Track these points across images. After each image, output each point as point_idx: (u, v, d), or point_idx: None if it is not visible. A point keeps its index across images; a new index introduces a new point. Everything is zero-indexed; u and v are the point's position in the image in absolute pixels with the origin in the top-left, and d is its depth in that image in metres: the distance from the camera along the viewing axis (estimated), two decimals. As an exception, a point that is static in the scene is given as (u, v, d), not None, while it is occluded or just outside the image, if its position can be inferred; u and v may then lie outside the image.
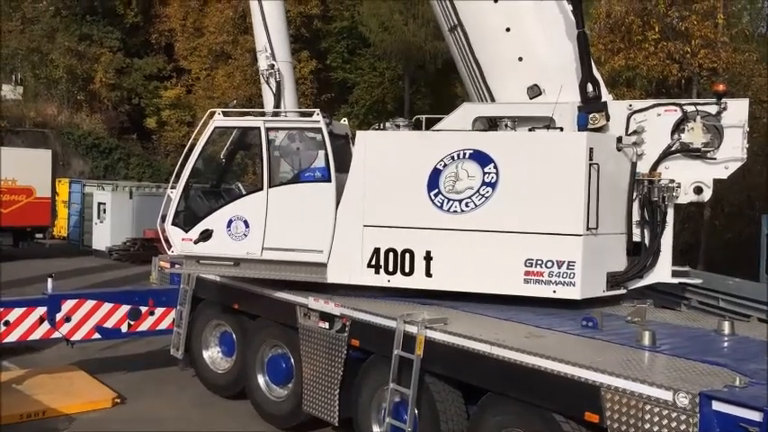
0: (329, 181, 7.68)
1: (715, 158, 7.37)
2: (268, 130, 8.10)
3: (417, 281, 7.37)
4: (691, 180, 7.48)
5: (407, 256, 7.37)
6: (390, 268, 7.45)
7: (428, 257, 7.29)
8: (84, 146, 33.78)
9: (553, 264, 6.93)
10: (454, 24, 8.31)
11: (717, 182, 7.52)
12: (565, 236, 6.91)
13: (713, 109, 7.39)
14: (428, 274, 7.31)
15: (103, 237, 23.86)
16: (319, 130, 7.87)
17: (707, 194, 7.56)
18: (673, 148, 7.41)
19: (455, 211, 7.17)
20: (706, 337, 6.43)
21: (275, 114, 9.01)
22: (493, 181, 7.04)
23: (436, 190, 7.21)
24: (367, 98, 32.91)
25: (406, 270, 7.39)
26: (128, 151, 35.42)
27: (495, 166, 7.06)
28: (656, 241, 7.51)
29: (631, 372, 4.90)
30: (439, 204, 7.21)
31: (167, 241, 8.25)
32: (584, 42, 7.59)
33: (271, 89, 9.46)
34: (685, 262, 8.96)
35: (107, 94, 36.21)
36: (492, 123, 8.10)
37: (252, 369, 8.71)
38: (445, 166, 7.21)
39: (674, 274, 7.69)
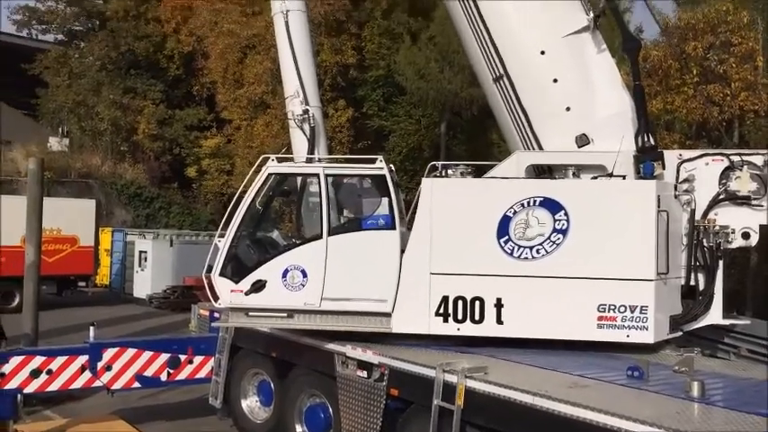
0: (393, 228, 7.62)
1: (762, 205, 7.59)
2: (328, 176, 7.99)
3: (488, 328, 7.33)
4: (739, 226, 7.69)
5: (477, 303, 7.33)
6: (460, 316, 7.38)
7: (499, 305, 7.27)
8: (127, 195, 34.53)
9: (626, 308, 7.02)
10: (500, 74, 8.39)
11: (763, 228, 7.72)
12: (637, 281, 7.02)
13: (759, 159, 7.67)
14: (499, 322, 7.28)
15: (144, 285, 24.19)
16: (383, 177, 7.81)
17: (754, 240, 7.76)
18: (721, 196, 7.63)
19: (526, 258, 7.20)
20: (757, 388, 6.21)
21: (334, 160, 8.98)
22: (564, 228, 7.14)
23: (506, 237, 7.24)
24: (403, 145, 33.16)
25: (476, 318, 7.34)
26: (168, 200, 36.10)
27: (566, 213, 7.17)
28: (712, 285, 7.68)
29: (684, 425, 4.73)
30: (509, 251, 7.23)
31: (214, 292, 7.97)
32: (640, 94, 7.89)
33: (305, 134, 9.53)
34: (732, 308, 8.92)
35: (150, 144, 37.11)
36: (539, 171, 8.21)
37: (290, 419, 8.63)
38: (515, 213, 7.27)
39: (725, 316, 7.88)
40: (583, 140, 8.04)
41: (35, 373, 8.74)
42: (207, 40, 35.33)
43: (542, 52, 8.15)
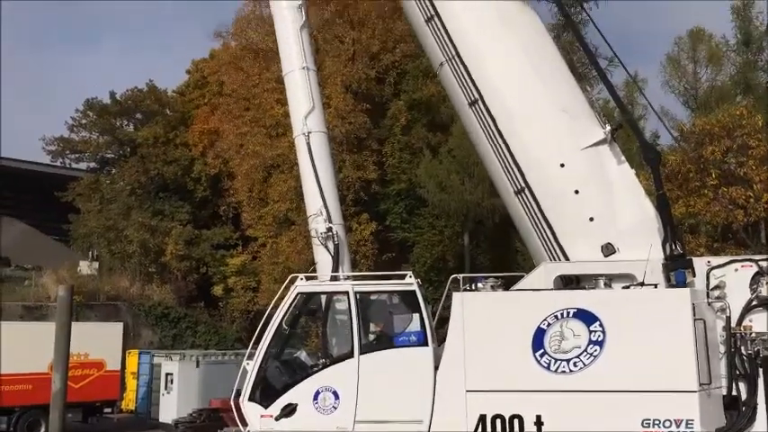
0: (426, 345, 7.52)
1: (796, 310, 7.36)
2: (357, 293, 7.95)
3: None
4: (774, 331, 7.45)
5: (516, 421, 7.12)
6: (499, 437, 7.08)
7: (539, 422, 7.08)
8: (154, 316, 34.67)
9: (671, 423, 6.86)
10: (521, 187, 8.54)
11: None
12: (680, 393, 6.86)
13: (788, 263, 7.59)
14: None
15: (170, 408, 23.77)
16: (413, 293, 7.77)
17: (792, 345, 7.49)
18: (754, 302, 7.49)
19: (564, 372, 7.07)
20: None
21: (362, 277, 9.00)
22: (600, 339, 7.05)
23: (542, 350, 7.15)
24: (427, 256, 33.20)
25: None
26: (195, 319, 36.14)
27: (601, 324, 7.10)
28: (755, 396, 7.42)
29: None
30: (546, 365, 7.11)
31: (243, 418, 7.76)
32: (664, 203, 7.97)
33: (329, 251, 9.61)
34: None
35: (177, 264, 37.58)
36: (567, 281, 8.19)
37: None
38: (549, 325, 7.21)
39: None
40: (609, 250, 8.07)
41: None
42: (232, 162, 36.41)
43: (562, 165, 8.31)
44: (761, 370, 7.47)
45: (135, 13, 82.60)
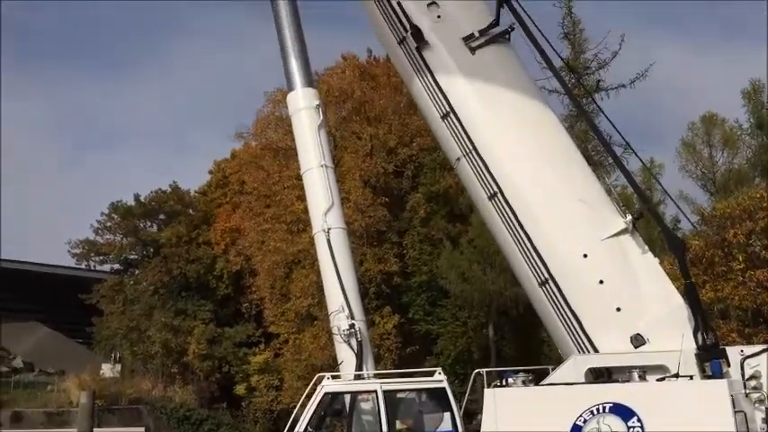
0: None
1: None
2: (385, 392, 7.80)
3: None
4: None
5: None
6: None
7: None
8: (176, 418, 34.07)
9: None
10: (545, 279, 8.47)
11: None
12: None
13: (822, 350, 7.37)
14: None
15: None
16: (443, 391, 7.63)
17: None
18: None
19: None
20: None
21: (389, 375, 8.85)
22: None
23: None
24: (452, 348, 32.67)
25: None
26: (218, 421, 35.44)
27: (639, 420, 6.92)
28: None
29: None
30: None
31: None
32: (693, 292, 7.84)
33: (352, 348, 9.50)
34: None
35: (199, 364, 37.24)
36: (598, 374, 8.00)
37: None
38: (585, 421, 7.03)
39: None
40: (638, 340, 7.92)
41: None
42: (254, 259, 36.64)
43: (585, 255, 8.27)
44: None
45: (160, 117, 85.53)
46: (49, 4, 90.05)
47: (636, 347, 7.88)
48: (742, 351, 7.68)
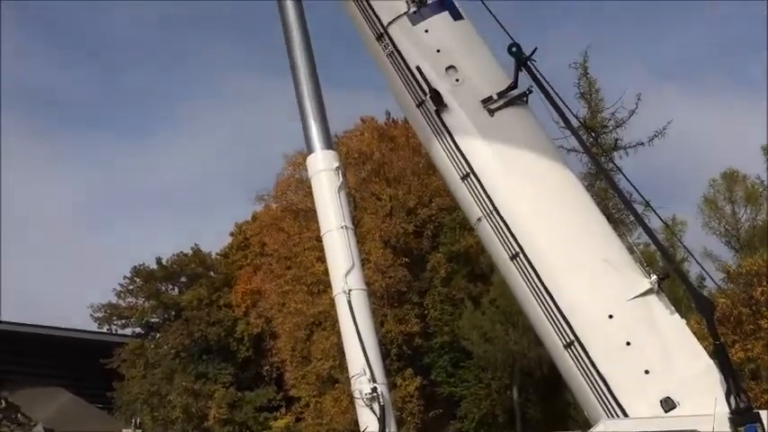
0: None
1: None
2: None
3: None
4: None
5: None
6: None
7: None
8: (197, 485, 33.53)
9: None
10: (570, 340, 8.32)
11: None
12: None
13: None
14: None
15: None
16: None
17: None
18: None
19: None
20: None
21: None
22: None
23: None
24: (476, 411, 32.05)
25: None
26: (239, 487, 34.82)
27: None
28: None
29: None
30: None
31: None
32: (723, 353, 7.67)
33: (374, 413, 9.33)
34: None
35: (220, 429, 36.80)
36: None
37: None
38: None
39: None
40: (669, 404, 7.70)
41: None
42: (275, 321, 36.54)
43: (610, 316, 8.13)
44: None
45: (181, 180, 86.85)
46: (74, 71, 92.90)
47: (666, 411, 7.65)
48: (774, 414, 7.46)
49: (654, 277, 8.15)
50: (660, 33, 79.96)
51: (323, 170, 11.05)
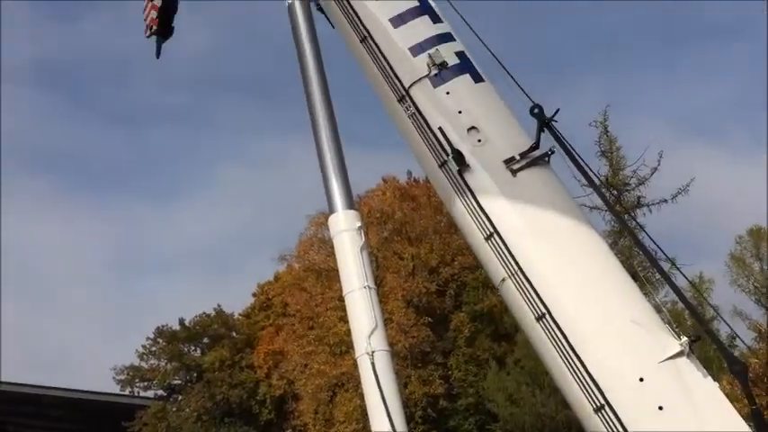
0: None
1: None
2: None
3: None
4: None
5: None
6: None
7: None
8: None
9: None
10: (600, 404, 8.08)
11: None
12: None
13: None
14: None
15: None
16: None
17: None
18: None
19: None
20: None
21: None
22: None
23: None
24: (504, 477, 31.19)
25: None
26: None
27: None
28: None
29: None
30: None
31: None
32: (759, 417, 7.46)
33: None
34: None
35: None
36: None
37: None
38: None
39: None
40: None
41: None
42: (298, 383, 36.17)
43: (641, 379, 7.91)
44: None
45: (204, 240, 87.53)
46: (105, 134, 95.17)
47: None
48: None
49: (684, 339, 7.93)
50: (681, 87, 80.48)
51: (345, 230, 11.05)
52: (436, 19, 10.04)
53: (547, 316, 8.44)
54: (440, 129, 9.32)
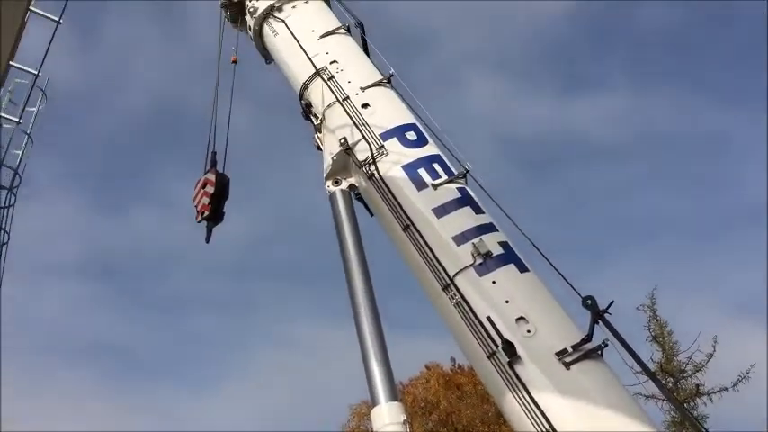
0: None
1: None
2: None
3: None
4: None
5: None
6: None
7: None
8: None
9: None
10: None
11: None
12: None
13: None
14: None
15: None
16: None
17: None
18: None
19: None
20: None
21: None
22: None
23: None
24: None
25: None
26: None
27: None
28: None
29: None
30: None
31: None
32: None
33: None
34: None
35: None
36: None
37: None
38: None
39: None
40: None
41: None
42: None
43: None
44: None
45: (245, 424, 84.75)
46: (144, 322, 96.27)
47: None
48: None
49: None
50: (729, 265, 79.22)
51: (389, 424, 10.58)
52: (478, 210, 10.24)
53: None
54: (488, 318, 9.13)
